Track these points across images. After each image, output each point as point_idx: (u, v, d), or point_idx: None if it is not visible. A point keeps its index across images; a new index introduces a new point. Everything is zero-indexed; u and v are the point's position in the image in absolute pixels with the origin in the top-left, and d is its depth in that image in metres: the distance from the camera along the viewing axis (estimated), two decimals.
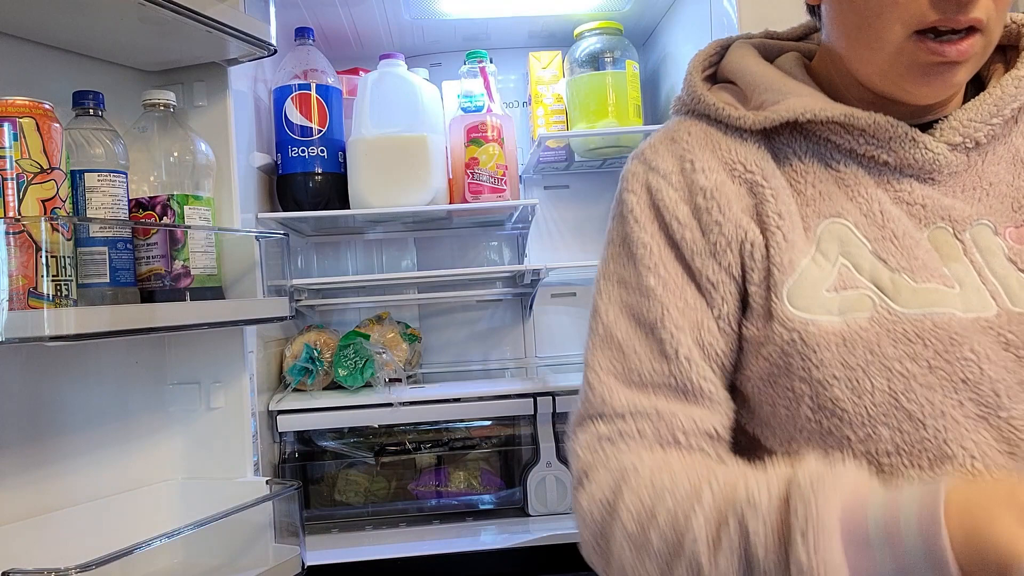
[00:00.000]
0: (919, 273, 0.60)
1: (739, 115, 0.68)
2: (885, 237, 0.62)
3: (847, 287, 0.61)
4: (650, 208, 0.69)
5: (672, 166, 0.69)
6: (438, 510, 1.40)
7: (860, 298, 0.60)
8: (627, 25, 1.55)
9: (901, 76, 0.62)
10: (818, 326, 0.59)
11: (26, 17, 0.97)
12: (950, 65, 0.60)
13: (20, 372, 0.99)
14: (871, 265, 0.61)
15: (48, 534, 0.98)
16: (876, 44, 0.61)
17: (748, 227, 0.65)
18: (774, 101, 0.67)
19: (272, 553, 1.10)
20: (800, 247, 0.63)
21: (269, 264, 1.19)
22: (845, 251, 0.62)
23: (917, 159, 0.63)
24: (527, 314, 1.69)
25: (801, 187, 0.66)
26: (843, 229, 0.63)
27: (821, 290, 0.61)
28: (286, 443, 1.37)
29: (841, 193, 0.65)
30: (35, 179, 0.85)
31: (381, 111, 1.38)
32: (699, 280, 0.66)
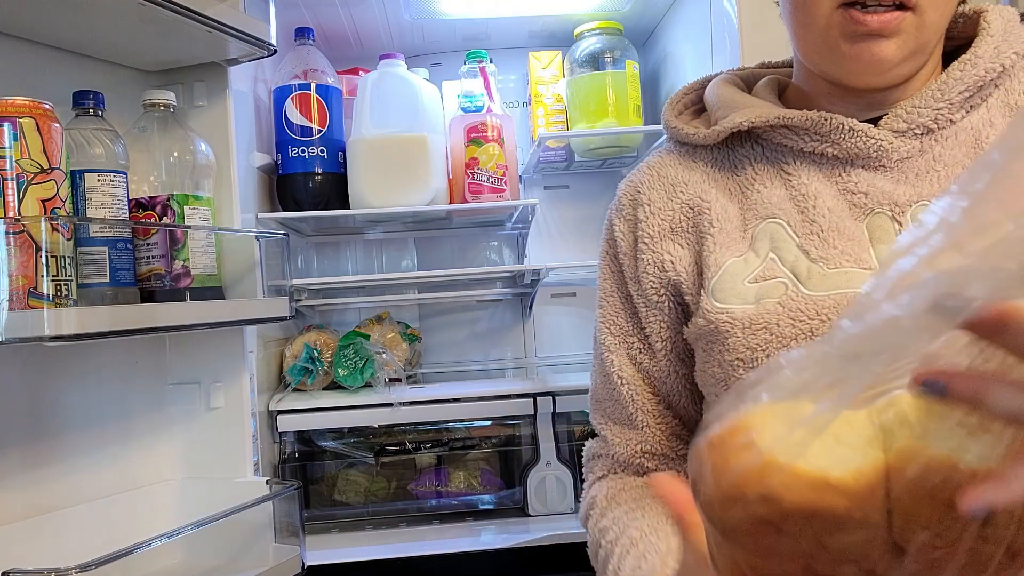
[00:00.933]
0: (834, 260, 0.64)
1: (693, 131, 0.74)
2: (813, 231, 0.65)
3: (767, 277, 0.65)
4: (608, 241, 0.79)
5: (627, 199, 0.77)
6: (438, 510, 1.40)
7: (775, 285, 0.64)
8: (627, 25, 1.55)
9: (832, 51, 0.64)
10: (730, 314, 0.64)
11: (26, 17, 0.97)
12: (876, 38, 0.62)
13: (20, 372, 0.99)
14: (795, 257, 0.65)
15: (48, 534, 0.98)
16: (809, 21, 0.64)
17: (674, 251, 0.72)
18: (724, 116, 0.72)
19: (272, 553, 1.10)
20: (731, 248, 0.68)
21: (269, 264, 1.19)
22: (775, 246, 0.66)
23: (860, 148, 0.66)
24: (527, 314, 1.69)
25: (749, 192, 0.70)
26: (776, 227, 0.67)
27: (740, 282, 0.65)
28: (286, 443, 1.37)
29: (785, 194, 0.68)
30: (35, 179, 0.85)
31: (381, 111, 1.38)
32: (636, 304, 0.75)
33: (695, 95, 0.82)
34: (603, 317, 0.78)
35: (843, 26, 0.62)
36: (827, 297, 0.62)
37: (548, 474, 1.35)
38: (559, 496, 1.35)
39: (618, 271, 0.77)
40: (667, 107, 0.81)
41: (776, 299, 0.63)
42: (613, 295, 0.77)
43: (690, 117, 0.80)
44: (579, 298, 1.71)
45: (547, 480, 1.35)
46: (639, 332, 0.75)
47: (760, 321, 0.63)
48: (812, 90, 0.72)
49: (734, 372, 0.64)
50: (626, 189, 0.79)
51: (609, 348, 0.77)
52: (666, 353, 0.74)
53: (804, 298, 0.62)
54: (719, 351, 0.65)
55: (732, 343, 0.64)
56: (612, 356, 0.76)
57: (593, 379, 0.81)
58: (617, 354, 0.76)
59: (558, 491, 1.35)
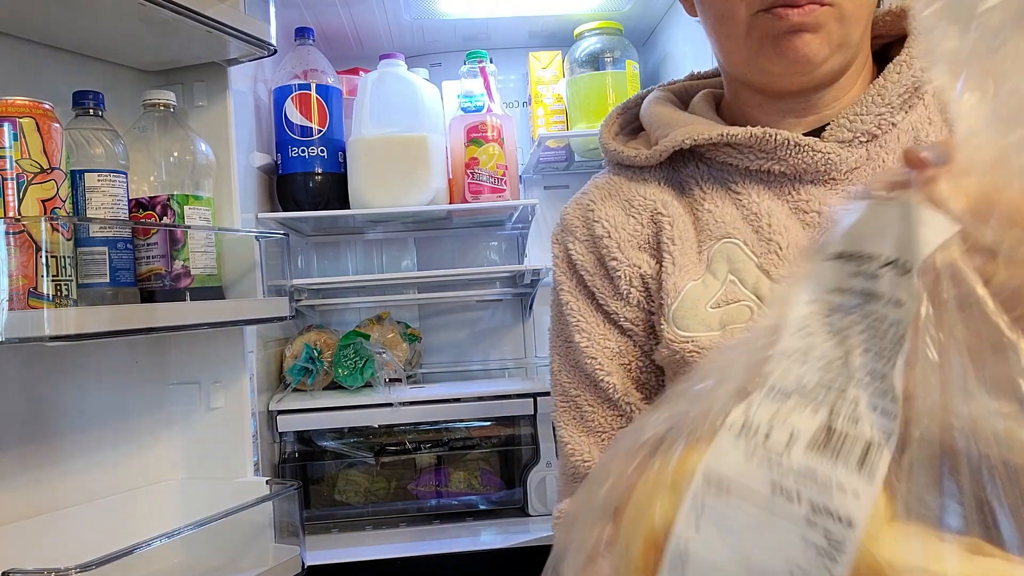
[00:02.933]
0: None
1: (635, 153, 0.71)
2: (771, 251, 0.63)
3: (730, 301, 0.62)
4: (567, 265, 0.73)
5: (578, 220, 0.73)
6: (438, 510, 1.40)
7: (739, 309, 0.62)
8: (627, 25, 1.55)
9: (756, 54, 0.63)
10: (696, 343, 0.62)
11: (26, 17, 0.97)
12: (798, 33, 0.60)
13: (20, 372, 0.99)
14: (755, 278, 0.63)
15: (48, 534, 0.98)
16: (730, 30, 0.63)
17: (643, 261, 0.68)
18: (664, 135, 0.70)
19: (272, 553, 1.10)
20: (689, 270, 0.65)
21: (269, 264, 1.19)
22: (733, 268, 0.64)
23: (808, 162, 0.64)
24: (527, 314, 1.69)
25: (699, 213, 0.67)
26: (732, 248, 0.64)
27: (703, 307, 0.63)
28: (286, 443, 1.37)
29: (737, 214, 0.66)
30: (35, 179, 0.85)
31: (381, 111, 1.38)
32: (620, 323, 0.70)
33: (630, 113, 0.79)
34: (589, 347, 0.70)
35: (764, 27, 0.61)
36: None
37: (548, 474, 1.35)
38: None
39: (588, 295, 0.72)
40: (603, 128, 0.78)
41: (743, 324, 0.61)
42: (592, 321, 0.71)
43: (627, 137, 0.77)
44: None
45: (547, 480, 1.35)
46: (633, 351, 0.70)
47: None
48: (743, 103, 0.70)
49: None
50: (573, 212, 0.74)
51: (608, 372, 0.69)
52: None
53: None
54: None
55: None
56: (615, 381, 0.69)
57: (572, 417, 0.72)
58: (617, 377, 0.69)
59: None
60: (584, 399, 0.71)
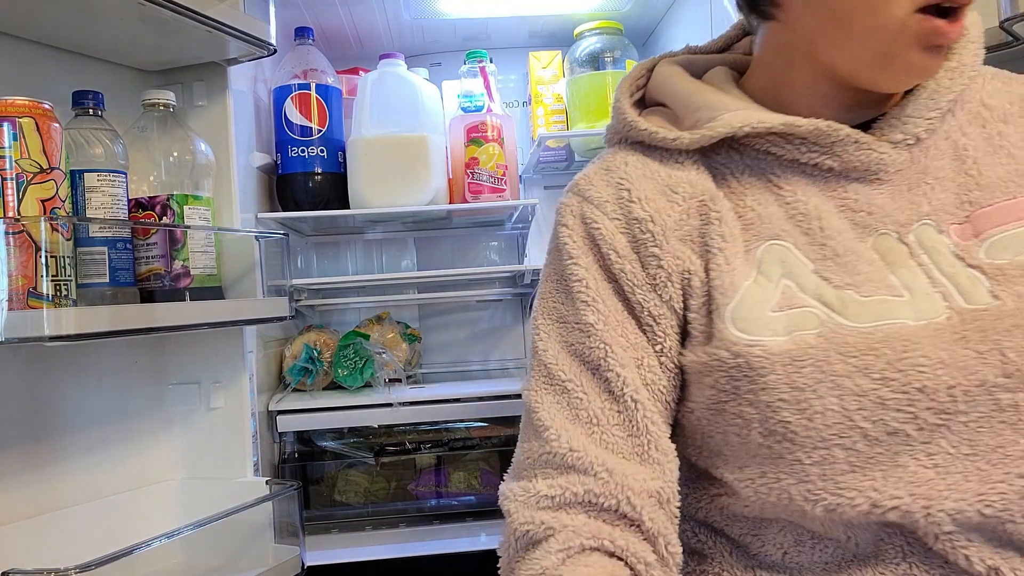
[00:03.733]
0: (864, 287, 0.59)
1: (674, 136, 0.66)
2: (827, 256, 0.60)
3: (792, 306, 0.59)
4: (586, 241, 0.66)
5: (608, 196, 0.66)
6: (438, 510, 1.39)
7: (806, 315, 0.58)
8: (627, 25, 1.55)
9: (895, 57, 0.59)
10: (764, 347, 0.57)
11: (26, 17, 0.96)
12: (942, 48, 0.60)
13: (20, 372, 0.99)
14: (815, 284, 0.59)
15: (48, 534, 0.98)
16: (878, 25, 0.58)
17: (686, 256, 0.63)
18: (709, 118, 0.65)
19: (272, 553, 1.10)
20: (741, 270, 0.61)
21: (269, 264, 1.19)
22: (787, 272, 0.60)
23: (862, 161, 0.62)
24: (527, 314, 1.69)
25: (741, 209, 0.64)
26: (783, 250, 0.61)
27: (765, 310, 0.59)
28: (286, 443, 1.37)
29: (781, 212, 0.63)
30: (35, 179, 0.85)
31: (381, 111, 1.38)
32: (639, 315, 0.64)
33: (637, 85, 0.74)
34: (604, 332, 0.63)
35: (920, 33, 0.57)
36: (873, 330, 0.56)
37: None
38: None
39: (610, 277, 0.65)
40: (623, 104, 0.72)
41: (814, 331, 0.57)
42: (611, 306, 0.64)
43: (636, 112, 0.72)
44: None
45: None
46: (646, 348, 0.64)
47: (804, 356, 0.56)
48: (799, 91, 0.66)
49: (775, 414, 0.56)
50: (599, 185, 0.67)
51: (622, 363, 0.62)
52: (670, 377, 0.64)
53: (848, 331, 0.56)
54: (750, 389, 0.57)
55: (772, 381, 0.56)
56: (625, 374, 0.62)
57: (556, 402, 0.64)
58: (629, 370, 0.62)
59: None
60: (577, 385, 0.63)
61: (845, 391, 0.54)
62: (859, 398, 0.54)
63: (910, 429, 0.54)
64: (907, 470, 0.54)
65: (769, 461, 0.58)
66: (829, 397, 0.55)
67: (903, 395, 0.54)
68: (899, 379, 0.54)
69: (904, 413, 0.54)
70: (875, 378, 0.54)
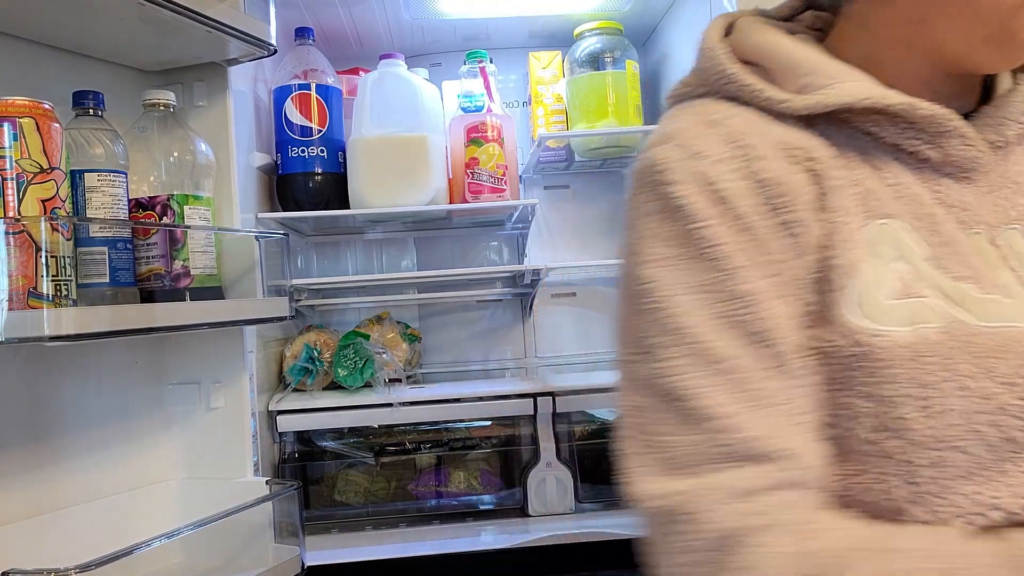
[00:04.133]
0: (981, 282, 0.55)
1: (784, 98, 0.59)
2: (941, 243, 0.56)
3: (910, 295, 0.54)
4: (712, 201, 0.56)
5: (725, 152, 0.57)
6: (438, 510, 1.39)
7: (926, 308, 0.54)
8: (627, 25, 1.55)
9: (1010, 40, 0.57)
10: (888, 338, 0.53)
11: (26, 17, 0.96)
12: None
13: (20, 372, 0.99)
14: (931, 273, 0.55)
15: (48, 534, 0.98)
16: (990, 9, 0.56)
17: (815, 224, 0.56)
18: (821, 85, 0.59)
19: (272, 553, 1.10)
20: (859, 247, 0.56)
21: (269, 264, 1.19)
22: (901, 256, 0.56)
23: (962, 156, 0.58)
24: (527, 314, 1.69)
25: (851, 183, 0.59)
26: (896, 232, 0.57)
27: (882, 297, 0.54)
28: (286, 443, 1.37)
29: (889, 191, 0.58)
30: (35, 179, 0.85)
31: (381, 111, 1.38)
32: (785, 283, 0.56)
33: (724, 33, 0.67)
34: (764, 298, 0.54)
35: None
36: (996, 331, 0.53)
37: (548, 474, 1.35)
38: (559, 496, 1.35)
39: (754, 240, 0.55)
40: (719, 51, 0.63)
41: (936, 325, 0.53)
42: (762, 272, 0.55)
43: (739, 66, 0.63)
44: (579, 298, 1.71)
45: (547, 480, 1.35)
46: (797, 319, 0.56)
47: (929, 352, 0.52)
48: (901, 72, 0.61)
49: (893, 409, 0.52)
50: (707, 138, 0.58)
51: (785, 335, 0.54)
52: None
53: (973, 330, 0.53)
54: (867, 381, 0.53)
55: (895, 374, 0.52)
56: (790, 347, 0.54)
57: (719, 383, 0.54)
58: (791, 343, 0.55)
59: (558, 491, 1.35)
60: (744, 363, 0.54)
61: (970, 392, 0.52)
62: (983, 401, 0.52)
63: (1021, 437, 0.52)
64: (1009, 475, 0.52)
65: (873, 458, 0.54)
66: (953, 397, 0.52)
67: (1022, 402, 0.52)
68: (1022, 385, 0.52)
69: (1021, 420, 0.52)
70: (1000, 382, 0.52)
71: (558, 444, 1.36)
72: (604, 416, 1.43)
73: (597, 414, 1.43)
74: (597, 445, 1.41)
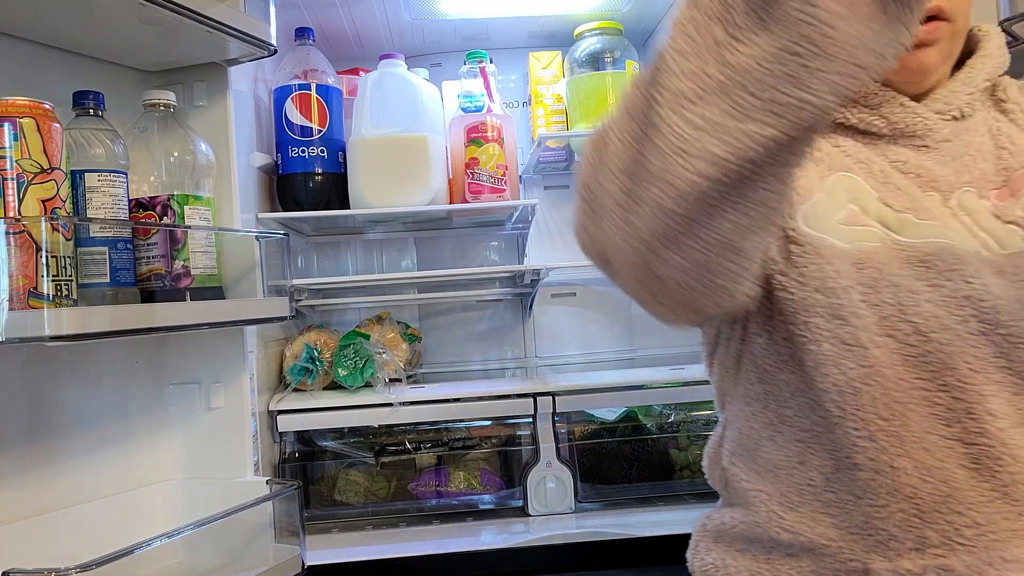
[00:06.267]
0: (922, 212, 0.65)
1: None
2: (889, 188, 0.67)
3: (856, 224, 0.65)
4: None
5: None
6: (438, 510, 1.40)
7: (868, 232, 0.64)
8: (627, 25, 1.55)
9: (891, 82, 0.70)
10: (832, 245, 0.63)
11: (26, 17, 0.97)
12: (921, 48, 0.68)
13: (20, 372, 0.99)
14: (878, 208, 0.65)
15: (48, 534, 0.98)
16: None
17: None
18: None
19: (272, 553, 1.10)
20: (816, 183, 0.67)
21: (269, 264, 1.19)
22: (854, 198, 0.66)
23: (908, 123, 0.69)
24: (527, 314, 1.69)
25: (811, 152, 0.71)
26: (852, 180, 0.67)
27: (832, 220, 0.65)
28: (286, 443, 1.37)
29: (839, 153, 0.70)
30: (35, 179, 0.85)
31: (381, 111, 1.38)
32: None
33: None
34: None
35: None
36: (927, 244, 0.63)
37: (548, 474, 1.35)
38: (559, 496, 1.35)
39: None
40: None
41: (875, 244, 0.63)
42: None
43: None
44: (579, 298, 1.71)
45: (547, 480, 1.35)
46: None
47: (867, 260, 0.62)
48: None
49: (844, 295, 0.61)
50: None
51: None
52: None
53: (904, 245, 0.63)
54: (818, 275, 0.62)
55: (842, 269, 0.62)
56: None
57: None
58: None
59: (558, 491, 1.35)
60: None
61: (901, 289, 0.61)
62: (913, 295, 0.61)
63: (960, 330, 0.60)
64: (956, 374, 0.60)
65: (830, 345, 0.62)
66: (886, 292, 0.61)
67: (952, 299, 0.60)
68: (948, 286, 0.61)
69: (953, 316, 0.60)
70: (928, 283, 0.61)
71: (558, 444, 1.36)
72: (604, 416, 1.43)
73: (597, 414, 1.43)
74: (597, 445, 1.41)
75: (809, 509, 0.64)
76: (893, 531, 0.60)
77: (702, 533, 0.75)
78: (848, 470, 0.62)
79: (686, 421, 1.43)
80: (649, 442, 1.42)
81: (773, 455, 0.67)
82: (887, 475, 0.59)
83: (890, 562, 0.59)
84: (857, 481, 0.61)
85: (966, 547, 0.58)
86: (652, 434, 1.43)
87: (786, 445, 0.66)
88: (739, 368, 0.71)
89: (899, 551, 0.59)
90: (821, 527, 0.63)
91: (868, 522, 0.61)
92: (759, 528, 0.67)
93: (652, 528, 1.24)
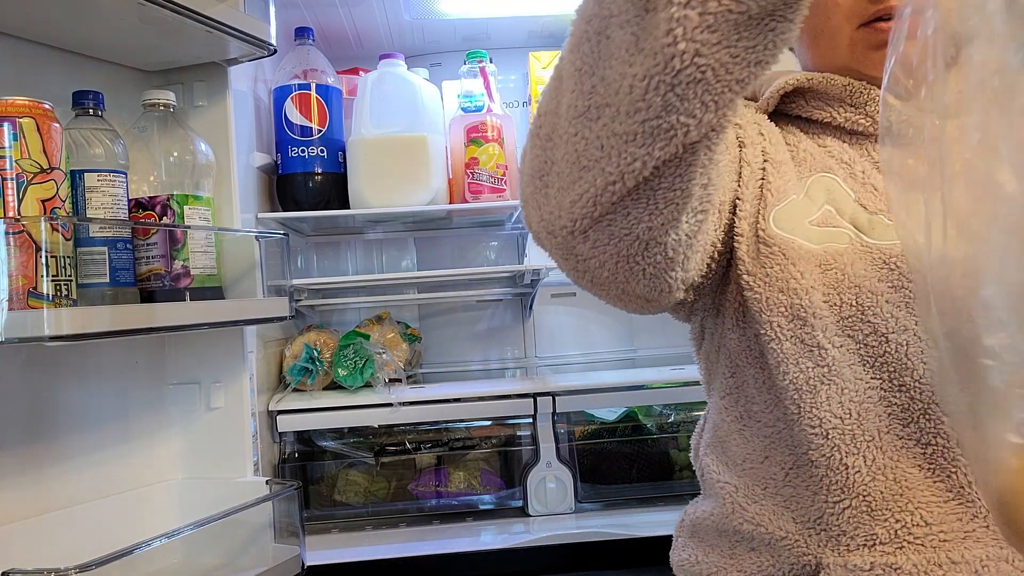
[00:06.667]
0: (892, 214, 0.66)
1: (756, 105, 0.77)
2: (866, 188, 0.67)
3: (828, 225, 0.66)
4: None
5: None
6: (438, 510, 1.40)
7: (838, 233, 0.65)
8: None
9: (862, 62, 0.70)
10: (800, 246, 0.64)
11: (26, 17, 0.97)
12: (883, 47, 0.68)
13: (20, 372, 0.99)
14: (853, 209, 0.66)
15: (48, 534, 0.98)
16: (834, 45, 0.71)
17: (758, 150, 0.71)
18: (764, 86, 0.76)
19: (272, 553, 1.10)
20: (792, 184, 0.68)
21: (269, 264, 1.19)
22: (831, 199, 0.67)
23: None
24: (527, 314, 1.69)
25: (795, 152, 0.72)
26: (831, 181, 0.68)
27: (804, 221, 0.66)
28: (286, 443, 1.37)
29: (822, 152, 0.71)
30: (35, 179, 0.85)
31: (381, 111, 1.38)
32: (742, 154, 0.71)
33: None
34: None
35: (868, 39, 0.69)
36: (893, 245, 0.63)
37: (548, 474, 1.35)
38: (559, 496, 1.35)
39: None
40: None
41: (843, 245, 0.64)
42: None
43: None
44: (579, 298, 1.70)
45: (547, 480, 1.35)
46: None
47: (831, 262, 0.63)
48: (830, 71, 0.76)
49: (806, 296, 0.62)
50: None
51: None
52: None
53: (871, 247, 0.63)
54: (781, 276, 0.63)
55: (805, 270, 0.63)
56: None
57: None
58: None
59: (558, 491, 1.35)
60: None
61: (863, 290, 0.61)
62: (874, 296, 0.61)
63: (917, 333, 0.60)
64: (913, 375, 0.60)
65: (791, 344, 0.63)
66: (848, 294, 0.62)
67: (913, 301, 0.61)
68: (910, 288, 0.61)
69: (913, 317, 0.60)
70: (890, 284, 0.61)
71: (558, 444, 1.36)
72: (604, 416, 1.43)
73: (597, 414, 1.43)
74: (597, 445, 1.41)
75: (771, 503, 0.65)
76: (844, 527, 0.60)
77: (680, 528, 0.77)
78: (805, 466, 0.63)
79: (686, 421, 1.43)
80: (649, 442, 1.42)
81: (741, 448, 0.68)
82: (839, 472, 0.60)
83: (841, 557, 0.60)
84: (812, 477, 0.62)
85: (914, 546, 0.58)
86: (652, 434, 1.43)
87: (753, 439, 0.67)
88: (718, 361, 0.72)
89: (850, 547, 0.60)
90: (781, 520, 0.64)
91: (822, 517, 0.61)
92: (725, 520, 0.68)
93: (652, 528, 1.24)
